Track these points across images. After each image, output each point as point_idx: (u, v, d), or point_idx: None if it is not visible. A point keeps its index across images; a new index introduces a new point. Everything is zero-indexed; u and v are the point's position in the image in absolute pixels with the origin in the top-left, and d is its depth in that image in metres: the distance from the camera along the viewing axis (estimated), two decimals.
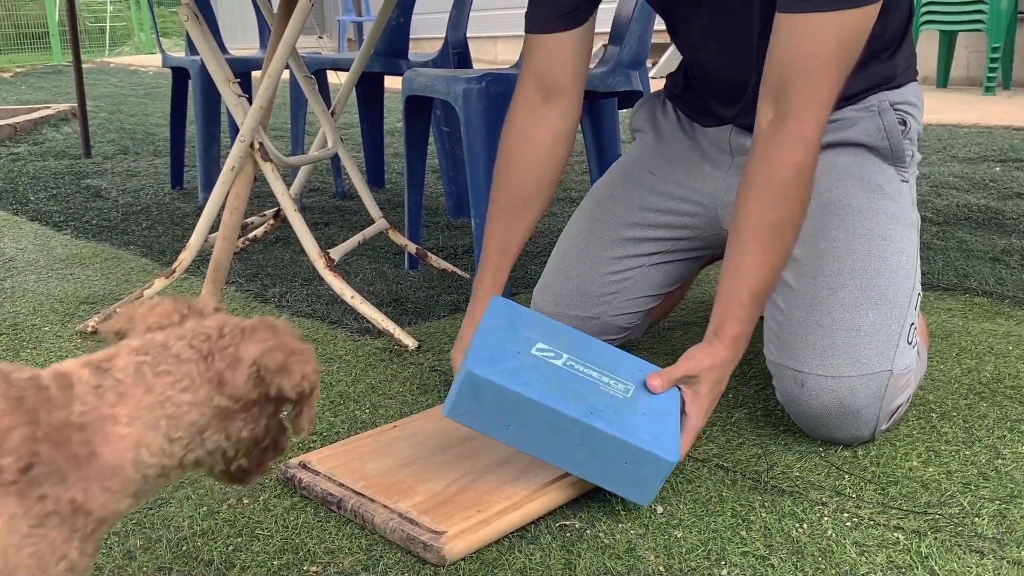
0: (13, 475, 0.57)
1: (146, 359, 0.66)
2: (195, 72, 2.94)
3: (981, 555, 1.03)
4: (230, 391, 0.67)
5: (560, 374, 1.14)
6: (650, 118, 1.63)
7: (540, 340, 1.18)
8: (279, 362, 0.68)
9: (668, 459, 1.09)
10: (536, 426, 1.09)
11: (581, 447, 1.09)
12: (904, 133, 1.39)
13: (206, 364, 0.67)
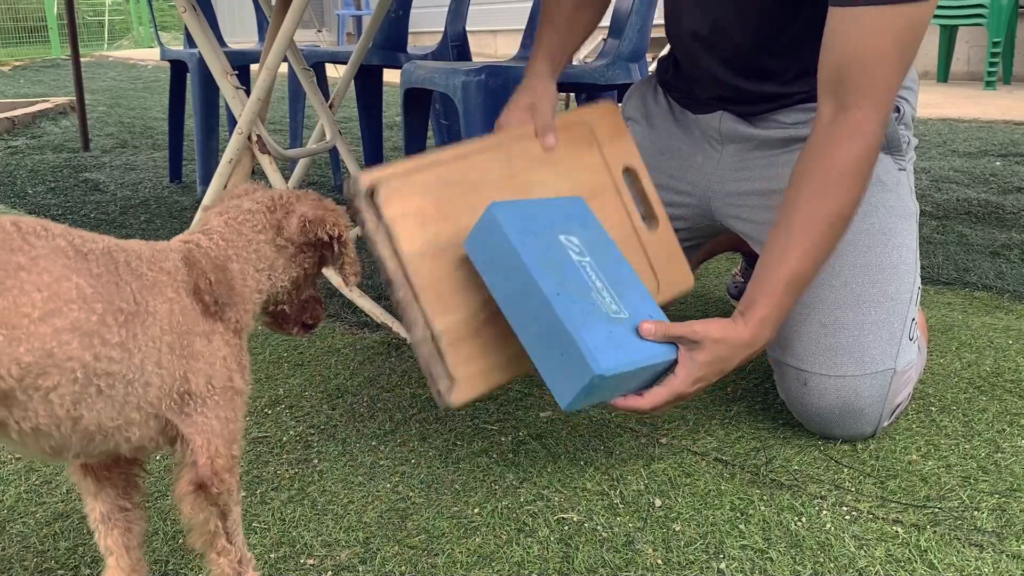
0: (214, 308, 0.81)
1: (229, 215, 0.89)
2: (193, 65, 2.93)
3: (980, 549, 1.03)
4: (286, 234, 0.90)
5: (566, 264, 1.12)
6: (641, 106, 1.61)
7: (577, 237, 1.17)
8: (319, 216, 0.91)
9: (592, 367, 1.02)
10: (516, 286, 1.09)
11: (537, 322, 1.07)
12: (898, 119, 1.37)
13: (270, 214, 0.90)
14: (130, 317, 0.72)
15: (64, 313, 0.67)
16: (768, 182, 1.42)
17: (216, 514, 0.83)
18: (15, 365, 0.64)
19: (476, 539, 1.06)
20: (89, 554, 1.03)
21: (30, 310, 0.65)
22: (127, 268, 0.74)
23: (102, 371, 0.70)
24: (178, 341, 0.77)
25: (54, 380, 0.67)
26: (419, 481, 1.19)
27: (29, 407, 0.67)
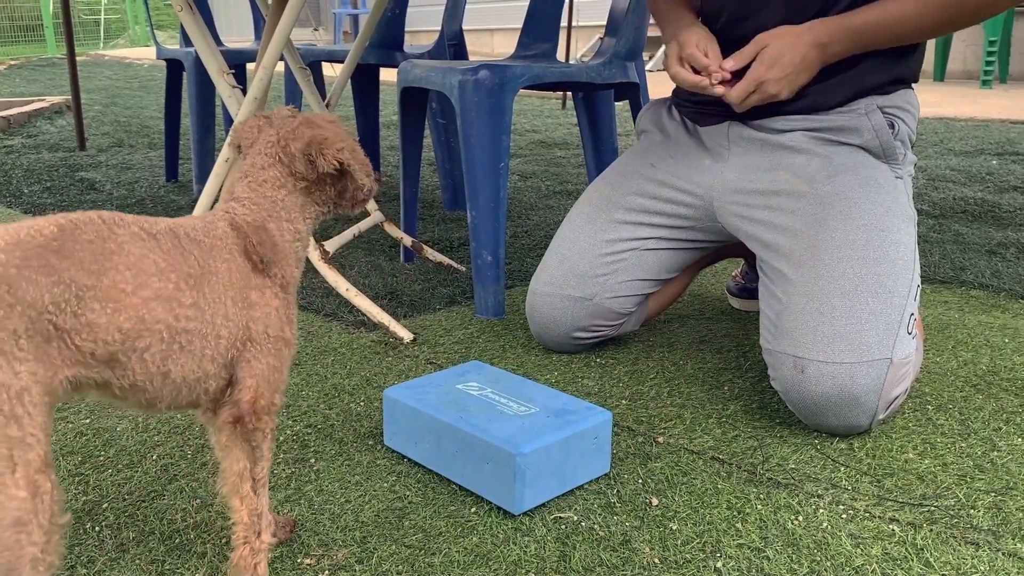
0: (261, 266, 0.89)
1: (249, 178, 0.94)
2: (190, 64, 2.92)
3: (976, 547, 1.03)
4: (300, 176, 0.94)
5: (466, 399, 1.23)
6: (656, 119, 1.67)
7: (475, 381, 1.29)
8: (317, 151, 0.92)
9: (511, 451, 1.08)
10: (429, 438, 1.19)
11: (459, 453, 1.15)
12: (894, 135, 1.43)
13: (281, 165, 0.94)
14: (197, 280, 0.83)
15: (148, 285, 0.79)
16: (770, 183, 1.45)
17: (247, 452, 0.89)
18: (117, 331, 0.76)
19: (473, 538, 1.06)
20: (85, 554, 1.02)
21: (124, 286, 0.77)
22: (188, 239, 0.85)
23: (182, 329, 0.81)
24: (239, 294, 0.87)
25: (146, 341, 0.79)
26: (416, 480, 1.19)
27: (128, 366, 0.78)
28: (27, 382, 0.68)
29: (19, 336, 0.69)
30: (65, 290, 0.72)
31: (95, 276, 0.75)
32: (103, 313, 0.75)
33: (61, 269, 0.73)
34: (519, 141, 4.25)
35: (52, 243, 0.73)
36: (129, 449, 1.27)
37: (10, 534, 0.65)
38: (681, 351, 1.66)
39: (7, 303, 0.68)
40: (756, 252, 1.46)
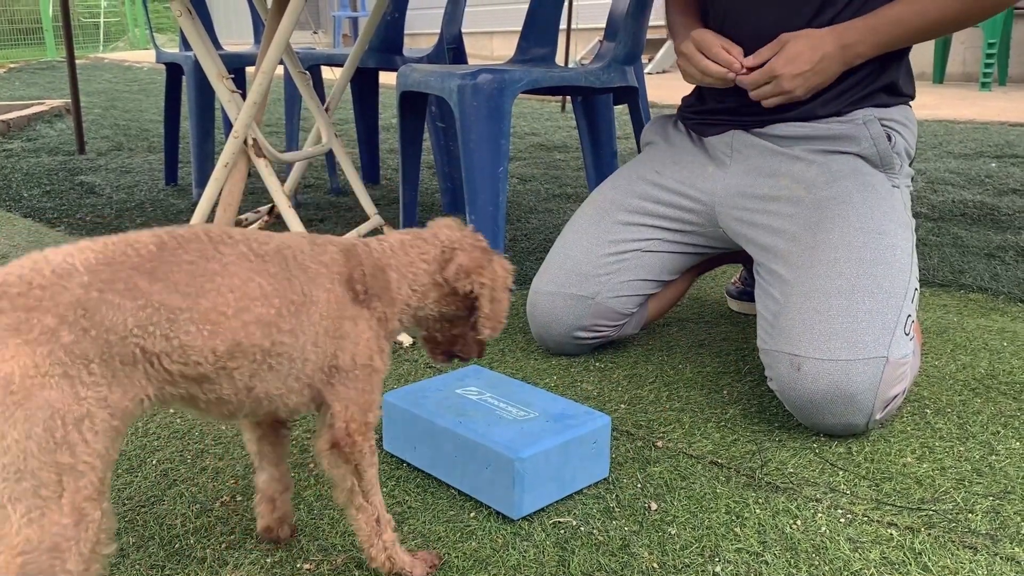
0: (363, 296, 0.91)
1: (406, 237, 0.99)
2: (189, 68, 2.93)
3: (974, 551, 1.03)
4: (444, 274, 0.98)
5: (464, 403, 1.22)
6: (661, 131, 1.70)
7: (474, 385, 1.29)
8: (468, 270, 0.98)
9: (510, 456, 1.09)
10: (428, 443, 1.19)
11: (458, 457, 1.15)
12: (891, 146, 1.45)
13: (440, 252, 0.98)
14: (298, 307, 0.84)
15: (250, 309, 0.80)
16: (770, 189, 1.48)
17: (351, 472, 0.93)
18: (212, 354, 0.77)
19: (472, 543, 1.06)
20: None
21: (225, 308, 0.78)
22: (295, 263, 0.86)
23: (275, 353, 0.83)
24: (332, 325, 0.88)
25: (238, 363, 0.80)
26: (415, 485, 1.19)
27: (216, 383, 0.80)
28: (91, 408, 0.68)
29: (90, 361, 0.68)
30: (153, 313, 0.72)
31: (191, 299, 0.75)
32: (199, 336, 0.75)
33: (150, 292, 0.73)
34: (518, 144, 4.25)
35: (146, 264, 0.74)
36: (128, 454, 1.27)
37: (46, 559, 0.66)
38: (680, 355, 1.66)
39: (80, 328, 0.68)
40: (753, 255, 1.47)
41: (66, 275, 0.69)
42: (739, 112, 1.53)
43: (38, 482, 0.65)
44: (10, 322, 0.66)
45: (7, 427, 0.64)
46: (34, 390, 0.65)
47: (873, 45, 1.39)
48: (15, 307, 0.66)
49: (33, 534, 0.65)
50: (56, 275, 0.69)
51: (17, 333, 0.66)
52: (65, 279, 0.69)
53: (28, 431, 0.65)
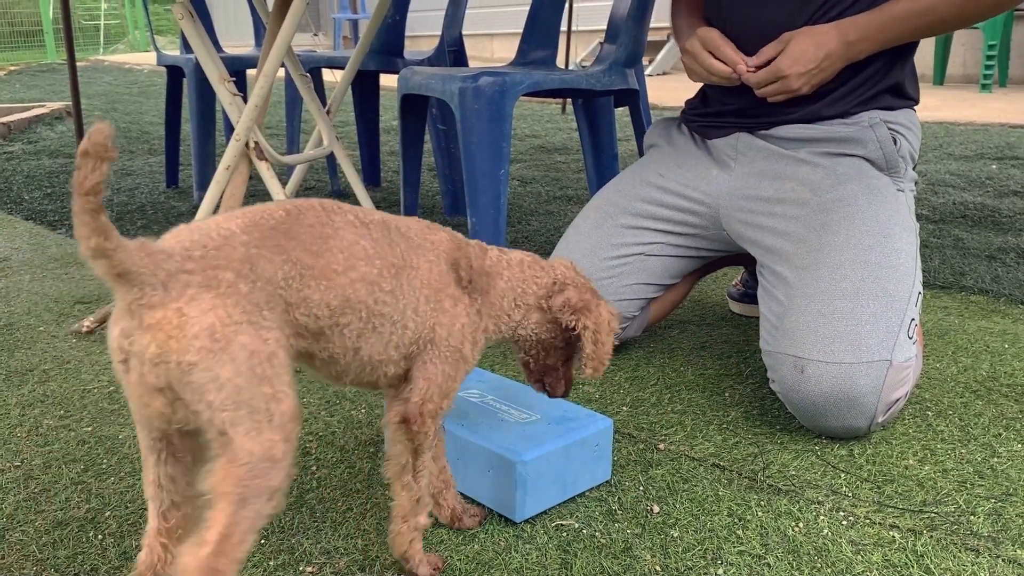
0: (465, 283, 0.97)
1: (526, 258, 1.05)
2: (190, 70, 2.93)
3: (976, 553, 1.04)
4: (549, 303, 1.03)
5: (466, 405, 1.22)
6: (665, 133, 1.70)
7: (476, 388, 1.28)
8: (575, 307, 1.03)
9: (512, 459, 1.09)
10: None
11: (460, 460, 1.15)
12: (896, 150, 1.46)
13: (552, 283, 1.04)
14: (399, 270, 0.90)
15: (356, 268, 0.86)
16: (775, 191, 1.48)
17: (409, 449, 0.96)
18: (327, 307, 0.84)
19: (475, 546, 1.06)
20: (88, 562, 1.03)
21: (336, 267, 0.85)
22: (398, 233, 0.92)
23: (378, 312, 0.88)
24: (433, 295, 0.93)
25: (348, 318, 0.86)
26: None
27: (330, 339, 0.86)
28: (274, 347, 0.77)
29: (262, 308, 0.78)
30: (292, 268, 0.81)
31: (314, 256, 0.83)
32: (317, 290, 0.83)
33: (289, 249, 0.81)
34: (519, 146, 4.25)
35: (282, 225, 0.82)
36: (131, 457, 1.28)
37: (263, 467, 0.75)
38: (682, 357, 1.66)
39: (251, 279, 0.77)
40: (757, 257, 1.47)
41: (230, 237, 0.79)
42: (744, 114, 1.53)
43: (251, 408, 0.75)
44: (201, 280, 0.75)
45: (219, 368, 0.73)
46: (231, 336, 0.74)
47: (876, 42, 1.40)
48: (202, 267, 0.75)
49: (254, 447, 0.75)
50: (222, 237, 0.78)
51: (208, 288, 0.75)
52: (230, 240, 0.78)
53: (235, 370, 0.74)
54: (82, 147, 0.69)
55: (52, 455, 1.28)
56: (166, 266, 0.74)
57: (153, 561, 0.85)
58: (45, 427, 1.37)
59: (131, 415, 1.41)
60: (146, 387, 0.75)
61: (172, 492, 0.84)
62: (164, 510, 0.85)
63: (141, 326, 0.73)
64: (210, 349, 0.73)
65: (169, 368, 0.73)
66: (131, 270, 0.72)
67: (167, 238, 0.78)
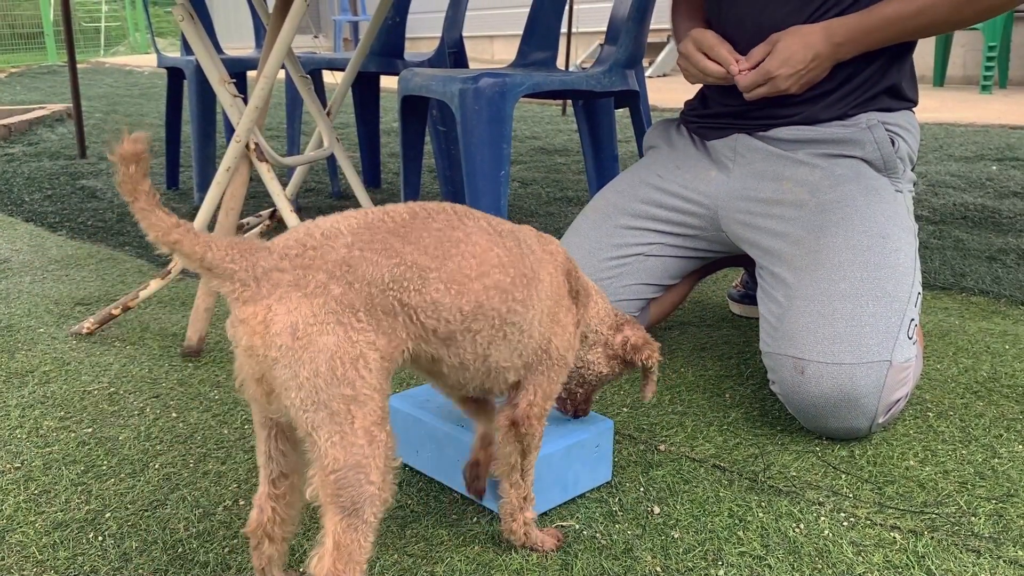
0: (573, 294, 1.01)
1: (601, 298, 1.09)
2: (190, 72, 2.93)
3: (977, 554, 1.03)
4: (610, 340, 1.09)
5: None
6: (664, 135, 1.70)
7: None
8: (639, 344, 1.09)
9: None
10: (431, 447, 1.20)
11: (461, 462, 1.14)
12: (895, 151, 1.46)
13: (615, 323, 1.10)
14: (529, 281, 0.92)
15: (490, 275, 0.88)
16: (773, 192, 1.48)
17: (518, 451, 1.00)
18: (459, 312, 0.85)
19: (475, 547, 1.06)
20: (88, 563, 1.03)
21: (469, 271, 0.86)
22: (525, 244, 0.94)
23: (509, 321, 0.90)
24: (552, 307, 0.97)
25: (480, 325, 0.88)
26: (418, 490, 1.19)
27: (461, 345, 0.88)
28: (363, 349, 0.78)
29: (357, 310, 0.78)
30: (407, 270, 0.82)
31: (438, 260, 0.84)
32: (447, 294, 0.84)
33: (403, 252, 0.82)
34: (519, 148, 4.25)
35: (400, 229, 0.83)
36: (131, 458, 1.28)
37: (352, 474, 0.77)
38: (682, 359, 1.66)
39: (347, 281, 0.78)
40: (756, 258, 1.47)
41: (333, 237, 0.80)
42: (742, 116, 1.53)
43: (331, 411, 0.76)
44: (291, 279, 0.76)
45: (298, 367, 0.75)
46: (314, 336, 0.75)
47: (864, 44, 1.40)
48: (294, 266, 0.77)
49: (339, 454, 0.77)
50: (325, 237, 0.80)
51: (297, 288, 0.76)
52: (332, 240, 0.80)
53: (315, 370, 0.75)
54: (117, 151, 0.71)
55: (52, 456, 1.28)
56: (263, 263, 0.76)
57: (263, 520, 0.90)
58: (45, 428, 1.37)
59: (131, 418, 1.41)
60: (247, 374, 0.79)
61: (282, 464, 0.88)
62: (274, 478, 0.89)
63: (237, 319, 0.77)
64: (291, 347, 0.75)
65: (259, 361, 0.76)
66: (217, 265, 0.75)
67: (279, 236, 0.81)
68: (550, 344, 0.97)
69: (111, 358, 1.65)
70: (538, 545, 1.04)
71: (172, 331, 1.80)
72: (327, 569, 0.78)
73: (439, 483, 1.20)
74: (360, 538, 0.78)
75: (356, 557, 0.78)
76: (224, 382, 1.54)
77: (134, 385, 1.53)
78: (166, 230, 0.73)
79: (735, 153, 1.54)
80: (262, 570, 0.93)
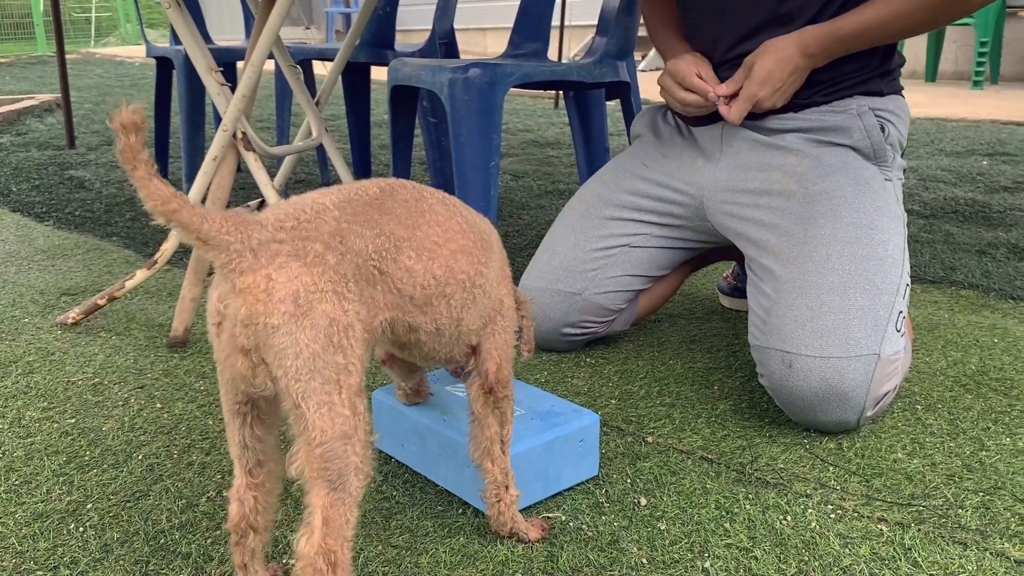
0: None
1: None
2: (179, 62, 2.91)
3: (964, 547, 1.03)
4: None
5: (451, 401, 1.22)
6: (650, 123, 1.68)
7: (462, 383, 1.26)
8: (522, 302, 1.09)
9: None
10: (414, 440, 1.19)
11: (442, 456, 1.14)
12: (884, 138, 1.45)
13: None
14: (485, 245, 0.96)
15: (455, 239, 0.91)
16: (761, 183, 1.46)
17: (497, 418, 1.01)
18: (432, 278, 0.88)
19: (460, 539, 1.05)
20: (68, 555, 1.02)
21: (436, 238, 0.89)
22: (473, 215, 0.97)
23: (476, 283, 0.93)
24: (501, 270, 1.00)
25: (453, 288, 0.90)
26: (403, 481, 1.19)
27: (437, 310, 0.90)
28: (352, 319, 0.79)
29: (348, 280, 0.80)
30: (386, 240, 0.84)
31: (410, 229, 0.87)
32: (419, 260, 0.87)
33: (382, 223, 0.85)
34: (511, 140, 4.24)
35: (375, 201, 0.86)
36: (114, 449, 1.26)
37: (339, 445, 0.78)
38: (671, 351, 1.65)
39: (340, 251, 0.80)
40: (745, 250, 1.46)
41: (323, 210, 0.82)
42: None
43: (323, 379, 0.77)
44: (291, 249, 0.78)
45: (299, 333, 0.76)
46: (314, 303, 0.77)
47: (839, 52, 1.40)
48: (292, 237, 0.78)
49: (326, 425, 0.77)
50: (315, 211, 0.81)
51: (297, 258, 0.78)
52: (323, 213, 0.81)
53: (314, 336, 0.76)
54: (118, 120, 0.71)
55: (34, 447, 1.27)
56: (258, 235, 0.77)
57: (245, 512, 0.89)
58: (27, 419, 1.36)
59: (115, 409, 1.40)
60: (234, 347, 0.79)
61: (257, 452, 0.88)
62: (250, 468, 0.89)
63: (234, 290, 0.77)
64: (293, 314, 0.76)
65: (257, 329, 0.77)
66: (213, 236, 0.76)
67: (266, 211, 0.82)
68: (502, 304, 1.00)
69: (96, 348, 1.64)
70: (523, 534, 1.04)
71: (158, 321, 1.79)
72: (318, 545, 0.77)
73: (424, 476, 1.20)
74: (347, 512, 0.79)
75: (344, 532, 0.79)
76: (210, 373, 1.53)
77: (119, 376, 1.52)
78: (165, 199, 0.73)
79: (722, 142, 1.53)
80: (244, 565, 0.91)
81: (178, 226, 0.74)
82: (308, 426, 0.77)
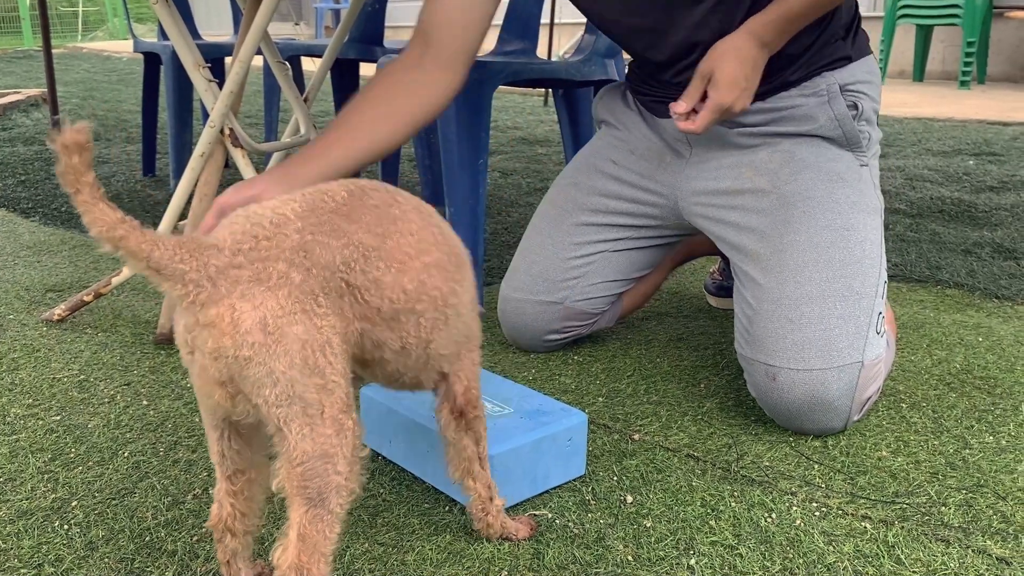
0: None
1: None
2: (167, 57, 2.90)
3: (947, 544, 1.04)
4: None
5: None
6: (613, 110, 1.62)
7: None
8: None
9: None
10: (402, 437, 1.19)
11: (430, 453, 1.14)
12: (856, 117, 1.38)
13: None
14: (460, 262, 0.91)
15: (429, 252, 0.86)
16: (734, 181, 1.43)
17: (472, 439, 0.99)
18: (402, 292, 0.83)
19: (446, 536, 1.05)
20: (53, 552, 1.01)
21: (408, 249, 0.84)
22: (448, 228, 0.93)
23: (449, 303, 0.88)
24: (473, 291, 0.94)
25: (424, 305, 0.85)
26: (390, 478, 1.19)
27: (405, 328, 0.85)
28: (328, 335, 0.77)
29: (317, 294, 0.77)
30: (354, 251, 0.80)
31: (380, 238, 0.82)
32: (388, 272, 0.82)
33: (350, 232, 0.81)
34: (500, 138, 4.24)
35: (342, 208, 0.82)
36: (100, 446, 1.26)
37: (320, 464, 0.76)
38: (658, 349, 1.66)
39: (305, 267, 0.77)
40: (727, 254, 1.44)
41: (283, 224, 0.78)
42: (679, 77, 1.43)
43: (304, 403, 0.75)
44: (251, 274, 0.74)
45: (273, 362, 0.73)
46: (284, 328, 0.74)
47: (791, 31, 1.30)
48: (251, 260, 0.74)
49: (308, 447, 0.76)
50: (275, 225, 0.77)
51: (259, 282, 0.74)
52: (283, 227, 0.77)
53: (289, 362, 0.74)
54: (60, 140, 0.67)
55: (19, 444, 1.26)
56: (215, 261, 0.73)
57: (223, 515, 0.89)
58: (12, 416, 1.35)
59: (101, 406, 1.39)
60: (208, 380, 0.76)
61: (236, 461, 0.86)
62: (229, 475, 0.87)
63: (199, 323, 0.73)
64: (263, 343, 0.73)
65: (228, 363, 0.73)
66: (165, 265, 0.71)
67: (221, 227, 0.78)
68: (471, 329, 0.96)
69: (82, 345, 1.63)
70: (512, 534, 1.04)
71: (145, 318, 1.78)
72: (290, 561, 0.76)
73: (411, 473, 1.20)
74: (326, 529, 0.77)
75: (321, 548, 0.77)
76: None
77: (105, 372, 1.51)
78: (110, 225, 0.68)
79: (687, 137, 1.48)
80: (227, 562, 0.91)
81: (126, 254, 0.70)
82: (290, 447, 0.76)
